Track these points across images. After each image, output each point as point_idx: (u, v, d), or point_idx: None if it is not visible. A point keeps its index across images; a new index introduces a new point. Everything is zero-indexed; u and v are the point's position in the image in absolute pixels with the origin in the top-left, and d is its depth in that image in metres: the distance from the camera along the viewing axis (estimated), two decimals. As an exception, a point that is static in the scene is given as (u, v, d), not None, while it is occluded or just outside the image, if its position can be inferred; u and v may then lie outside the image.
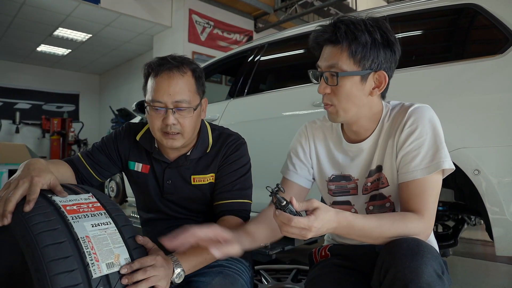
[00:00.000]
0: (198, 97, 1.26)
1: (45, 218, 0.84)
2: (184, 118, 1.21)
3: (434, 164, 1.02)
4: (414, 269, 0.85)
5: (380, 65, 1.06)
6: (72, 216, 0.87)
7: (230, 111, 2.82)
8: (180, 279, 0.99)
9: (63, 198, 0.92)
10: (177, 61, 1.21)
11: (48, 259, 0.77)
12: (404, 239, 0.93)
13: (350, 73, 1.04)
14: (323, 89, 1.09)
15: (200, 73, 1.28)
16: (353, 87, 1.06)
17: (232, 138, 1.35)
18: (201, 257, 1.06)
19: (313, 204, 0.88)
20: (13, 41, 8.49)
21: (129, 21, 7.32)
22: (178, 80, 1.19)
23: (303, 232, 0.87)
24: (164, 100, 1.18)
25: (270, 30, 8.35)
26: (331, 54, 1.07)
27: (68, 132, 10.00)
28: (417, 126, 1.05)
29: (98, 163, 1.34)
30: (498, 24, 1.68)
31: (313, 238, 2.56)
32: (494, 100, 1.60)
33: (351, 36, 1.03)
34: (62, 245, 0.80)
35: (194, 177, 1.33)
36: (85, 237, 0.84)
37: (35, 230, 0.81)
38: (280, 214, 0.87)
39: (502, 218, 1.53)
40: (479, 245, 3.57)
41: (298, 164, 1.27)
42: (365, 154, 1.17)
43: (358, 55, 1.03)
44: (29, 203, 0.86)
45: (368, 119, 1.13)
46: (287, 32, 2.78)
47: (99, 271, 0.81)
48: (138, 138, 1.35)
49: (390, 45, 1.06)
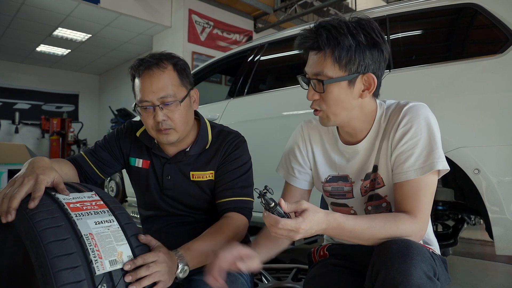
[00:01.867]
0: (184, 89, 1.26)
1: (49, 215, 0.85)
2: (173, 113, 1.22)
3: (428, 165, 1.00)
4: (403, 271, 0.84)
5: (368, 67, 1.03)
6: (75, 214, 0.88)
7: (230, 110, 2.83)
8: (185, 274, 1.00)
9: (67, 196, 0.93)
10: (155, 58, 1.22)
11: (52, 256, 0.77)
12: (394, 240, 0.92)
13: (336, 79, 1.02)
14: (311, 95, 1.08)
15: (182, 65, 1.27)
16: (341, 92, 1.04)
17: (232, 136, 1.36)
18: (205, 253, 1.07)
19: (302, 205, 0.89)
20: (12, 41, 8.48)
21: (128, 21, 7.31)
22: (159, 77, 1.20)
23: (291, 233, 0.88)
24: (150, 98, 1.20)
25: (269, 30, 8.36)
26: (316, 61, 1.05)
27: (68, 132, 9.99)
28: (411, 125, 1.03)
29: (101, 160, 1.36)
30: (498, 24, 1.68)
31: (312, 238, 2.56)
32: (494, 99, 1.60)
33: (334, 41, 1.00)
34: (66, 242, 0.81)
35: (193, 173, 1.34)
36: (88, 234, 0.85)
37: (39, 226, 0.81)
38: (268, 216, 0.88)
39: (502, 218, 1.53)
40: (478, 245, 3.58)
41: (298, 168, 1.27)
42: (361, 156, 1.15)
43: (343, 60, 1.01)
44: (33, 200, 0.86)
45: (360, 120, 1.11)
46: (287, 32, 2.78)
47: (102, 268, 0.82)
48: (138, 134, 1.37)
49: (376, 45, 1.02)
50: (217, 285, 0.97)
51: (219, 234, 1.16)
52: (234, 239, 1.21)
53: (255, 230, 2.55)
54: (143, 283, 0.86)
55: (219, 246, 1.11)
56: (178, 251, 1.02)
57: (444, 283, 1.04)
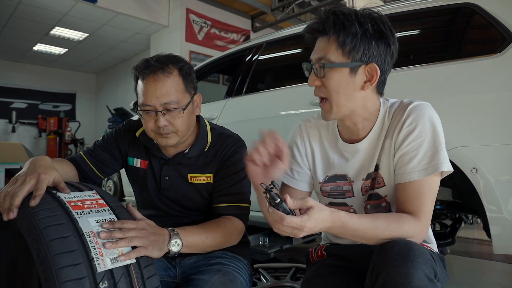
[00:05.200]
0: (187, 95, 1.25)
1: (51, 213, 0.86)
2: (175, 119, 1.21)
3: (432, 166, 0.99)
4: (404, 273, 0.84)
5: (372, 58, 1.00)
6: (77, 212, 0.89)
7: (228, 110, 2.82)
8: (177, 248, 1.03)
9: (68, 194, 0.95)
10: (161, 63, 1.20)
11: (54, 253, 0.78)
12: (395, 242, 0.92)
13: (337, 64, 1.01)
14: (312, 81, 1.06)
15: (188, 70, 1.26)
16: (342, 79, 1.02)
17: (231, 140, 1.35)
18: (199, 236, 1.11)
19: (307, 203, 0.88)
20: (9, 40, 8.44)
21: (126, 20, 7.30)
22: (164, 82, 1.19)
23: (295, 231, 0.87)
24: (153, 103, 1.19)
25: (267, 30, 8.36)
26: (321, 45, 1.04)
27: (65, 132, 9.94)
28: (416, 125, 1.01)
29: (100, 160, 1.36)
30: (495, 23, 1.68)
31: (310, 237, 2.57)
32: (492, 99, 1.60)
33: (340, 26, 0.99)
34: (68, 240, 0.82)
35: (191, 176, 1.33)
36: (89, 232, 0.86)
37: (41, 224, 0.82)
38: (273, 212, 0.87)
39: (500, 217, 1.54)
40: (475, 244, 3.59)
41: (296, 169, 1.23)
42: (362, 155, 1.13)
43: (347, 46, 0.99)
44: (35, 198, 0.87)
45: (362, 117, 1.09)
46: (284, 32, 2.78)
47: (103, 265, 0.83)
48: (137, 134, 1.37)
49: (383, 37, 1.00)
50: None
51: (215, 228, 1.19)
52: (231, 237, 1.23)
53: (254, 230, 2.56)
54: (119, 244, 0.88)
55: (213, 238, 1.15)
56: (173, 229, 1.06)
57: (443, 282, 1.04)
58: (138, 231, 0.95)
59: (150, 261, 0.94)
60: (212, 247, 1.17)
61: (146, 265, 0.92)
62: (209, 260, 1.24)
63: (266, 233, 2.52)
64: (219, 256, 1.26)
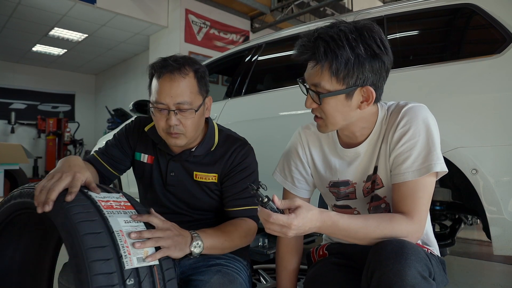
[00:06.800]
0: (200, 97, 1.28)
1: (84, 209, 0.91)
2: (186, 119, 1.24)
3: (426, 167, 1.00)
4: (398, 271, 0.85)
5: (366, 80, 1.00)
6: (107, 211, 0.94)
7: (228, 110, 2.82)
8: (199, 249, 1.07)
9: (98, 194, 1.00)
10: (178, 63, 1.23)
11: (87, 247, 0.83)
12: (389, 240, 0.93)
13: (333, 93, 1.01)
14: (309, 104, 1.08)
15: (202, 72, 1.29)
16: (338, 104, 1.03)
17: (239, 144, 1.37)
18: (219, 239, 1.15)
19: (295, 202, 0.90)
20: (8, 41, 8.45)
21: (125, 21, 7.30)
22: (179, 82, 1.22)
23: (284, 229, 0.89)
24: (166, 102, 1.21)
25: (266, 30, 8.38)
26: (314, 72, 1.03)
27: (64, 132, 9.96)
28: (410, 127, 1.03)
29: (112, 157, 1.40)
30: (495, 24, 1.68)
31: (310, 238, 2.56)
32: (491, 99, 1.60)
33: (331, 55, 0.97)
34: (100, 235, 0.86)
35: (196, 174, 1.36)
36: (119, 231, 0.90)
37: (75, 219, 0.87)
38: (261, 210, 0.90)
39: (499, 218, 1.53)
40: (475, 245, 3.59)
41: (297, 177, 1.27)
42: (363, 159, 1.15)
43: (340, 73, 0.98)
44: (71, 194, 0.93)
45: (360, 126, 1.11)
46: (284, 32, 2.78)
47: (130, 263, 0.87)
48: (146, 129, 1.40)
49: (377, 56, 0.99)
50: None
51: (233, 230, 1.23)
52: (246, 239, 1.28)
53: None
54: (147, 244, 0.93)
55: (231, 240, 1.20)
56: (194, 231, 1.10)
57: (441, 284, 1.04)
58: (164, 232, 0.98)
59: (171, 265, 0.97)
60: (229, 248, 1.21)
61: (167, 268, 0.95)
62: (209, 260, 1.25)
63: (265, 234, 2.52)
64: (219, 257, 1.26)
